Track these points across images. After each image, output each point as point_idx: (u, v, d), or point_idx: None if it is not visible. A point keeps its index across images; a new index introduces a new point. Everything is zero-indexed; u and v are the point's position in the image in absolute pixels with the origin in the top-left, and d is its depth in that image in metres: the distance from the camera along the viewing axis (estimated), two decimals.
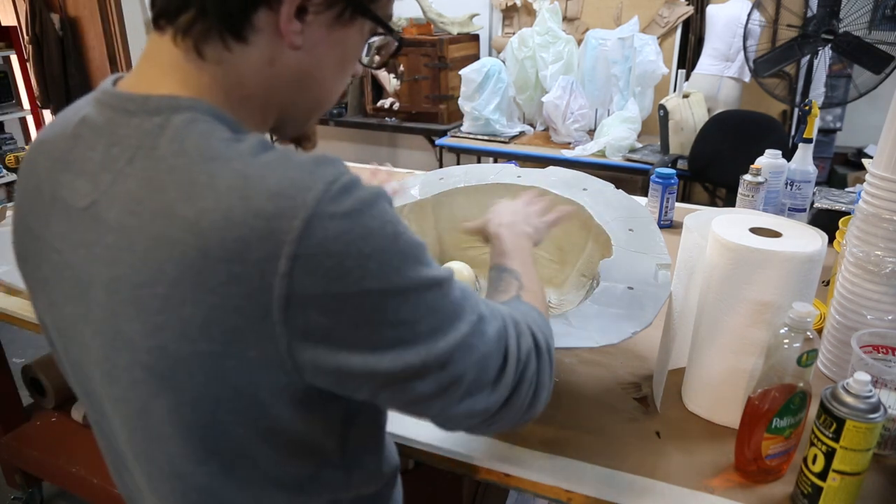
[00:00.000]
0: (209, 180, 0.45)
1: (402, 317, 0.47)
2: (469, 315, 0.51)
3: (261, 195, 0.44)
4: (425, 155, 3.97)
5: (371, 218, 0.46)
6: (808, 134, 1.43)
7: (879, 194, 0.85)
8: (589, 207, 1.08)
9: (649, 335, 0.89)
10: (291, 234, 0.43)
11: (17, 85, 3.84)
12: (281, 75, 0.53)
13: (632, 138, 2.84)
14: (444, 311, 0.50)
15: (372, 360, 0.47)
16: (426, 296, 0.48)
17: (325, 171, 0.46)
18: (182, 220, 0.45)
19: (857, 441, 0.65)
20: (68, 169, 0.53)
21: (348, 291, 0.45)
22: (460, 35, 3.49)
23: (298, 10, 0.50)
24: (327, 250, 0.44)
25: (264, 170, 0.46)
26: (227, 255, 0.44)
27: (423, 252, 0.50)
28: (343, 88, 0.60)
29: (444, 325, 0.49)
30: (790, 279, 0.75)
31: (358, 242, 0.45)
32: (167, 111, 0.49)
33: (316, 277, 0.44)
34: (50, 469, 1.62)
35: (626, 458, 0.78)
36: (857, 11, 2.54)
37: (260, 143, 0.48)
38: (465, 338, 0.50)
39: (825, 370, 0.95)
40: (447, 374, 0.50)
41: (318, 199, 0.44)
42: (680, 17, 3.20)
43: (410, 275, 0.47)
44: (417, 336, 0.48)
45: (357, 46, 0.57)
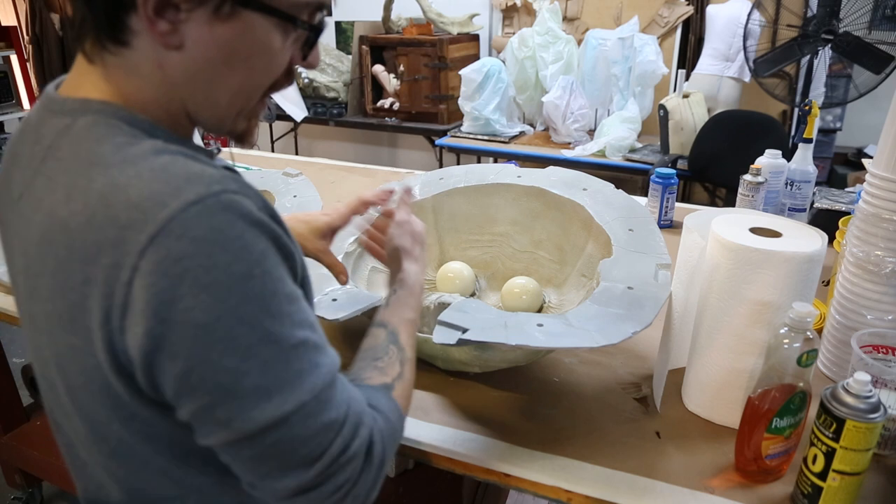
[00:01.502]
0: (86, 184, 0.48)
1: (226, 362, 0.45)
2: (302, 393, 0.49)
3: (121, 204, 0.46)
4: (425, 155, 3.97)
5: (222, 249, 0.45)
6: (808, 134, 1.43)
7: (879, 194, 0.85)
8: (589, 207, 1.08)
9: (649, 335, 0.89)
10: (136, 246, 0.44)
11: (18, 85, 3.84)
12: (172, 77, 0.52)
13: (632, 138, 2.84)
14: (277, 376, 0.47)
15: (185, 390, 0.46)
16: (260, 351, 0.46)
17: (192, 188, 0.45)
18: (59, 221, 0.48)
19: (857, 441, 0.65)
20: (14, 163, 0.57)
21: (175, 318, 0.44)
22: (460, 35, 3.49)
23: (159, 9, 0.48)
24: (164, 270, 0.44)
25: (134, 179, 0.46)
26: (86, 256, 0.46)
27: (281, 304, 0.48)
28: (261, 85, 0.56)
29: (269, 391, 0.47)
30: (790, 279, 0.75)
31: (197, 271, 0.44)
32: (76, 112, 0.52)
33: (149, 294, 0.44)
34: (50, 469, 1.62)
35: (626, 458, 0.78)
36: (857, 11, 2.54)
37: (151, 150, 0.49)
38: (285, 415, 0.48)
39: (825, 370, 0.95)
40: (251, 440, 0.48)
41: (169, 218, 0.44)
42: (680, 17, 3.20)
43: (248, 322, 0.46)
44: (235, 389, 0.46)
45: (256, 42, 0.52)
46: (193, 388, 0.46)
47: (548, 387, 0.93)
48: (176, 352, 0.45)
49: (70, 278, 0.48)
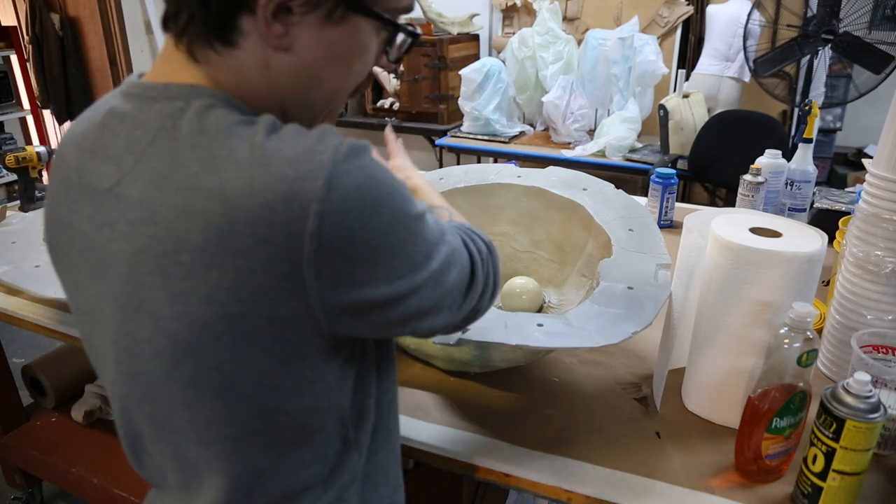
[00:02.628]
0: (230, 154, 0.48)
1: (408, 249, 0.52)
2: (445, 237, 0.57)
3: (280, 162, 0.47)
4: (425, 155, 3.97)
5: (374, 168, 0.50)
6: (808, 134, 1.43)
7: (879, 194, 0.85)
8: (589, 207, 1.08)
9: (649, 335, 0.89)
10: (315, 193, 0.47)
11: (18, 85, 3.84)
12: (277, 78, 0.54)
13: (632, 138, 2.84)
14: (433, 236, 0.55)
15: (387, 290, 0.51)
16: (418, 227, 0.53)
17: (331, 137, 0.50)
18: (207, 191, 0.48)
19: (857, 441, 0.65)
20: (95, 156, 0.55)
21: (369, 236, 0.49)
22: (460, 35, 3.49)
23: (277, 12, 0.50)
24: (350, 204, 0.48)
25: (278, 142, 0.49)
26: (253, 219, 0.47)
27: (407, 189, 0.54)
28: (352, 86, 0.60)
29: (434, 249, 0.55)
30: (790, 279, 0.75)
31: (373, 192, 0.49)
32: (188, 96, 0.52)
33: (342, 229, 0.48)
34: (50, 469, 1.62)
35: (626, 458, 0.78)
36: (857, 11, 2.54)
37: (272, 123, 0.51)
38: (448, 256, 0.56)
39: (825, 370, 0.95)
40: (440, 288, 0.55)
41: (332, 160, 0.48)
42: (680, 17, 3.20)
43: (409, 211, 0.52)
44: (419, 261, 0.53)
45: (357, 44, 0.56)
46: (396, 281, 0.52)
47: (548, 387, 0.93)
48: (376, 265, 0.50)
49: (234, 244, 0.47)
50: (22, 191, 1.61)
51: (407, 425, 0.85)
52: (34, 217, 1.54)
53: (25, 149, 1.58)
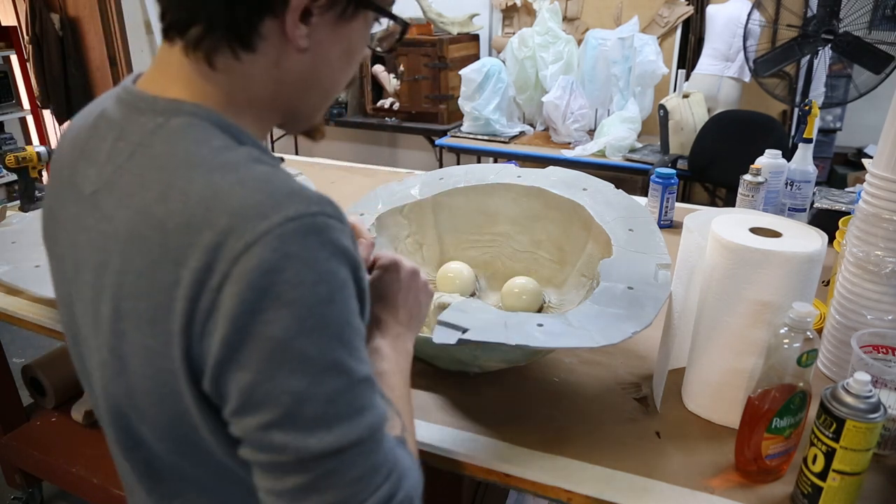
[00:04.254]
0: (186, 185, 0.47)
1: (293, 383, 0.45)
2: (361, 429, 0.47)
3: (222, 209, 0.45)
4: (425, 155, 3.97)
5: (311, 270, 0.45)
6: (808, 134, 1.43)
7: (879, 194, 0.85)
8: (589, 207, 1.08)
9: (649, 335, 0.89)
10: (232, 252, 0.44)
11: (18, 85, 3.83)
12: (286, 77, 0.54)
13: (632, 138, 2.84)
14: (339, 408, 0.46)
15: (248, 404, 0.45)
16: (328, 379, 0.46)
17: (292, 205, 0.46)
18: (153, 219, 0.48)
19: (857, 441, 0.65)
20: (84, 157, 0.56)
21: (252, 329, 0.44)
22: (460, 35, 3.49)
23: (303, 14, 0.51)
24: (253, 281, 0.44)
25: (237, 186, 0.47)
26: (178, 257, 0.46)
27: (352, 336, 0.48)
28: (350, 77, 0.61)
29: (330, 422, 0.46)
30: (790, 279, 0.75)
31: (283, 286, 0.44)
32: (169, 113, 0.52)
33: (234, 302, 0.44)
34: (50, 469, 1.62)
35: (626, 458, 0.78)
36: (857, 11, 2.54)
37: (250, 157, 0.49)
38: (343, 447, 0.46)
39: (825, 370, 0.95)
40: (303, 468, 0.46)
41: (267, 230, 0.44)
42: (680, 17, 3.20)
43: (322, 346, 0.45)
44: (298, 414, 0.45)
45: (362, 37, 0.58)
46: (256, 404, 0.45)
47: (548, 387, 0.93)
48: (246, 363, 0.45)
49: (160, 279, 0.47)
50: (22, 191, 1.61)
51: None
52: (34, 217, 1.54)
53: (25, 149, 1.58)
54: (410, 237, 1.21)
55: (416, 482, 0.54)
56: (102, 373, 0.54)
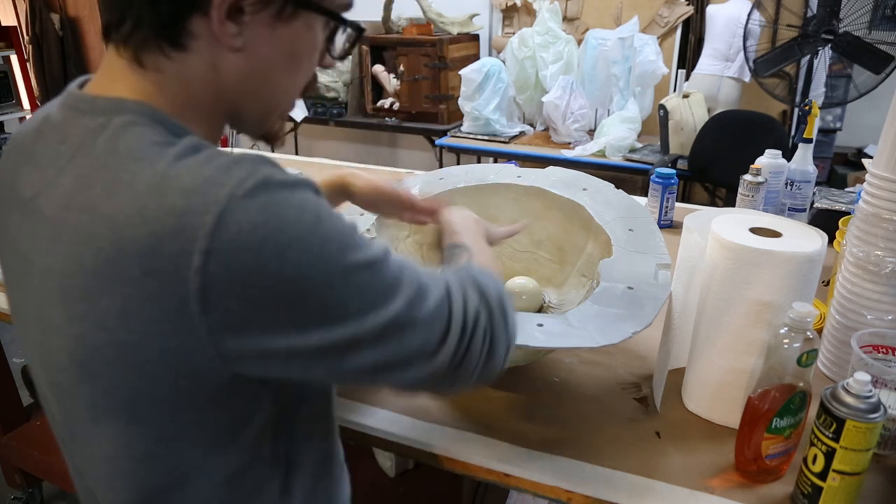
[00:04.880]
0: (131, 178, 0.47)
1: (326, 300, 0.48)
2: (405, 289, 0.52)
3: (174, 192, 0.45)
4: (425, 155, 3.97)
5: (287, 207, 0.47)
6: (808, 134, 1.43)
7: (879, 194, 0.85)
8: (589, 207, 1.08)
9: (649, 335, 0.89)
10: (203, 229, 0.44)
11: (18, 85, 3.83)
12: (226, 79, 0.53)
13: (632, 138, 2.84)
14: (375, 289, 0.50)
15: (297, 339, 0.48)
16: (353, 278, 0.49)
17: (240, 168, 0.47)
18: (101, 216, 0.47)
19: (857, 441, 0.65)
20: (27, 163, 0.55)
21: (268, 282, 0.46)
22: (460, 35, 3.49)
23: (231, 12, 0.49)
24: (242, 244, 0.45)
25: (182, 169, 0.47)
26: (140, 249, 0.45)
27: (351, 235, 0.50)
28: (301, 85, 0.59)
29: (375, 303, 0.50)
30: (790, 279, 0.75)
31: (275, 234, 0.45)
32: (111, 112, 0.51)
33: (233, 270, 0.45)
34: (50, 469, 1.62)
35: (626, 458, 0.78)
36: (857, 11, 2.54)
37: (190, 147, 0.49)
38: (399, 312, 0.51)
39: (825, 370, 0.95)
40: (384, 348, 0.51)
41: (229, 195, 0.45)
42: (680, 17, 3.20)
43: (335, 259, 0.48)
44: (344, 315, 0.49)
45: (308, 41, 0.56)
46: (307, 332, 0.48)
47: (548, 387, 0.93)
48: (277, 311, 0.47)
49: (123, 273, 0.46)
50: None
51: (407, 425, 0.85)
52: None
53: None
54: (410, 237, 1.21)
55: (485, 282, 0.60)
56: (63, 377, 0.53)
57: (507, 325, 0.60)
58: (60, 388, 0.54)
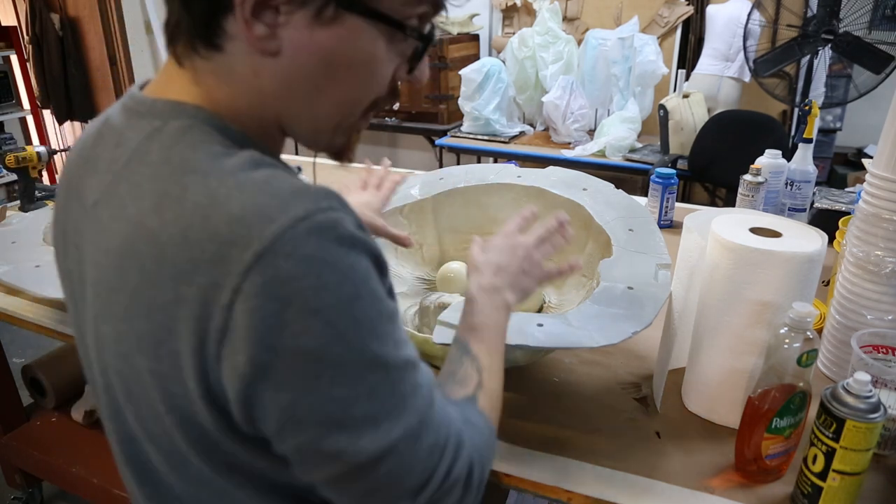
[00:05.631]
0: (181, 194, 0.44)
1: (335, 391, 0.43)
2: (409, 416, 0.46)
3: (221, 217, 0.42)
4: (425, 155, 3.97)
5: (332, 270, 0.42)
6: (808, 134, 1.43)
7: (879, 194, 0.85)
8: (589, 207, 1.08)
9: (649, 335, 0.89)
10: (240, 265, 0.41)
11: (18, 85, 3.83)
12: (267, 86, 0.49)
13: (632, 138, 2.84)
14: (384, 401, 0.45)
15: (290, 424, 0.44)
16: (368, 376, 0.44)
17: (299, 204, 0.42)
18: (147, 231, 0.45)
19: (857, 441, 0.65)
20: (88, 166, 0.54)
21: (282, 345, 0.41)
22: (460, 35, 3.49)
23: (257, 11, 0.45)
24: (271, 292, 0.40)
25: (235, 191, 0.43)
26: (178, 273, 0.43)
27: (385, 325, 0.45)
28: (366, 98, 0.52)
29: (377, 418, 0.44)
30: (790, 279, 0.75)
31: (307, 293, 0.41)
32: (167, 115, 0.49)
33: (254, 319, 0.41)
34: (50, 469, 1.62)
35: (626, 458, 0.78)
36: (857, 11, 2.54)
37: (249, 161, 0.46)
38: (393, 443, 0.45)
39: (825, 370, 0.95)
40: (361, 472, 0.45)
41: (276, 235, 0.41)
42: (680, 17, 3.20)
43: (358, 347, 0.43)
44: (344, 419, 0.44)
45: (359, 49, 0.49)
46: (300, 421, 0.43)
47: (548, 387, 0.93)
48: (282, 382, 0.42)
49: (158, 297, 0.43)
50: (22, 191, 1.61)
51: None
52: (34, 217, 1.54)
53: (25, 149, 1.58)
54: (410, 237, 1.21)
55: (479, 444, 0.54)
56: (109, 396, 0.53)
57: (476, 501, 0.54)
58: (111, 403, 0.54)
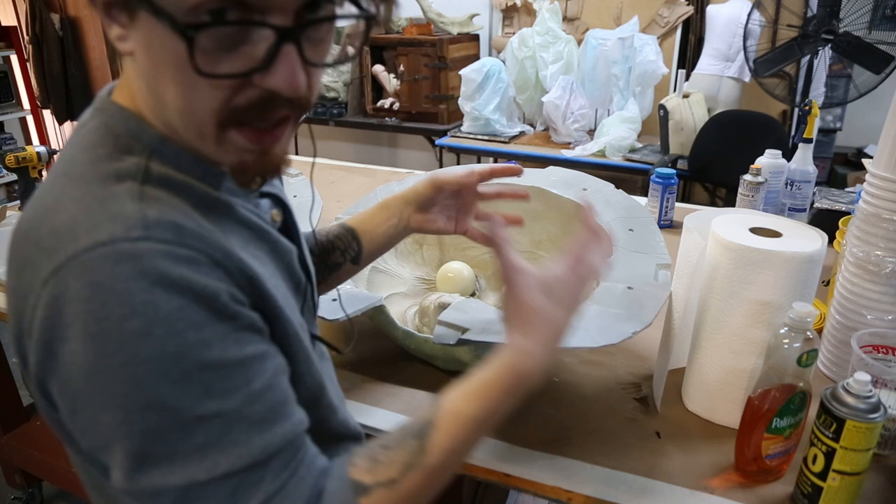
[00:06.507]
0: (46, 197, 0.46)
1: (104, 418, 0.42)
2: (196, 471, 0.43)
3: (48, 225, 0.44)
4: (425, 155, 3.97)
5: (119, 302, 0.40)
6: (808, 134, 1.43)
7: (879, 194, 0.85)
8: None
9: (649, 335, 0.89)
10: (43, 274, 0.42)
11: (18, 85, 3.83)
12: (140, 88, 0.48)
13: (632, 138, 2.84)
14: (165, 446, 0.42)
15: (75, 427, 0.45)
16: (146, 416, 0.41)
17: (107, 228, 0.42)
18: (19, 224, 0.47)
19: (857, 441, 0.65)
20: None
21: (60, 357, 0.42)
22: (460, 35, 3.49)
23: (107, 10, 0.43)
24: (57, 308, 0.41)
25: (70, 202, 0.44)
26: (17, 268, 0.45)
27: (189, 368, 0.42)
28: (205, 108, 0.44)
29: (154, 460, 0.42)
30: (790, 279, 0.75)
31: (87, 318, 0.40)
32: (96, 113, 0.50)
33: (42, 327, 0.42)
34: (50, 469, 1.62)
35: (626, 458, 0.78)
36: (857, 11, 2.54)
37: (116, 172, 0.45)
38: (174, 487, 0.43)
39: (825, 370, 0.95)
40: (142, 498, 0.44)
41: (73, 254, 0.41)
42: (680, 17, 3.20)
43: (136, 383, 0.41)
44: (115, 448, 0.43)
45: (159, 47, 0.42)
46: (80, 429, 0.44)
47: (548, 387, 0.93)
48: (62, 389, 0.43)
49: (12, 288, 0.46)
50: (22, 191, 1.60)
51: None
52: None
53: (25, 149, 1.58)
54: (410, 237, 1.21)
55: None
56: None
57: None
58: None
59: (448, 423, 0.52)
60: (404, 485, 0.50)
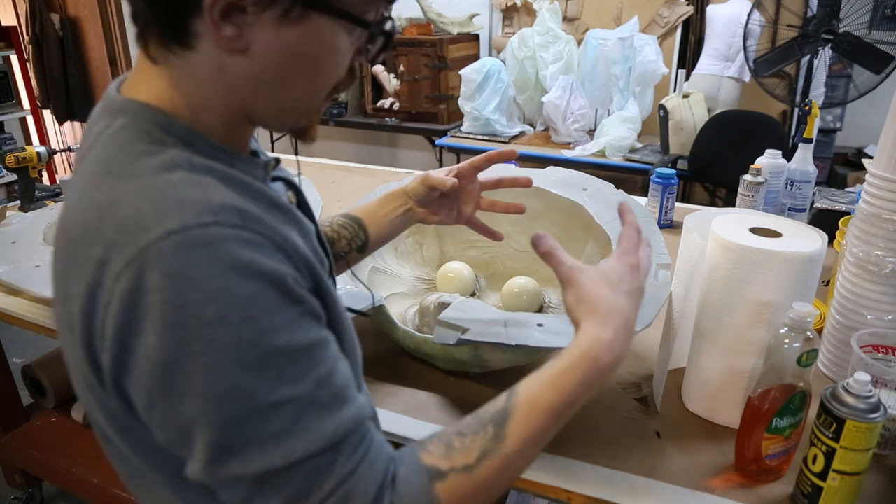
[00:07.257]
0: (94, 194, 0.46)
1: (183, 409, 0.42)
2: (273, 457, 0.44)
3: (111, 221, 0.44)
4: (425, 155, 3.97)
5: (195, 289, 0.41)
6: (808, 134, 1.43)
7: (879, 194, 0.85)
8: (589, 207, 1.08)
9: (649, 335, 0.89)
10: (115, 268, 0.42)
11: (18, 85, 3.83)
12: (234, 81, 0.50)
13: (632, 138, 2.84)
14: (243, 435, 0.43)
15: (152, 423, 0.45)
16: (225, 405, 0.42)
17: (178, 215, 0.42)
18: (65, 227, 0.47)
19: (857, 441, 0.65)
20: (77, 165, 0.56)
21: (135, 351, 0.42)
22: (460, 35, 3.49)
23: (227, 13, 0.46)
24: (132, 301, 0.41)
25: (131, 196, 0.44)
26: (79, 269, 0.45)
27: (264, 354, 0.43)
28: (325, 87, 0.53)
29: (232, 449, 0.43)
30: (790, 279, 0.75)
31: (163, 307, 0.41)
32: (117, 113, 0.50)
33: (116, 322, 0.42)
34: (50, 469, 1.62)
35: (626, 458, 0.78)
36: (857, 11, 2.54)
37: (169, 163, 0.47)
38: (254, 475, 0.44)
39: (825, 370, 0.95)
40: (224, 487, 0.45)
41: (146, 245, 0.41)
42: (680, 17, 3.20)
43: (214, 371, 0.41)
44: (195, 438, 0.43)
45: (324, 44, 0.50)
46: (158, 423, 0.45)
47: None
48: (138, 384, 0.44)
49: (67, 289, 0.46)
50: (22, 191, 1.61)
51: (407, 425, 0.84)
52: (34, 217, 1.54)
53: (25, 149, 1.58)
54: (410, 237, 1.21)
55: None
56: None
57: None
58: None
59: (525, 411, 0.53)
60: (480, 471, 0.50)
